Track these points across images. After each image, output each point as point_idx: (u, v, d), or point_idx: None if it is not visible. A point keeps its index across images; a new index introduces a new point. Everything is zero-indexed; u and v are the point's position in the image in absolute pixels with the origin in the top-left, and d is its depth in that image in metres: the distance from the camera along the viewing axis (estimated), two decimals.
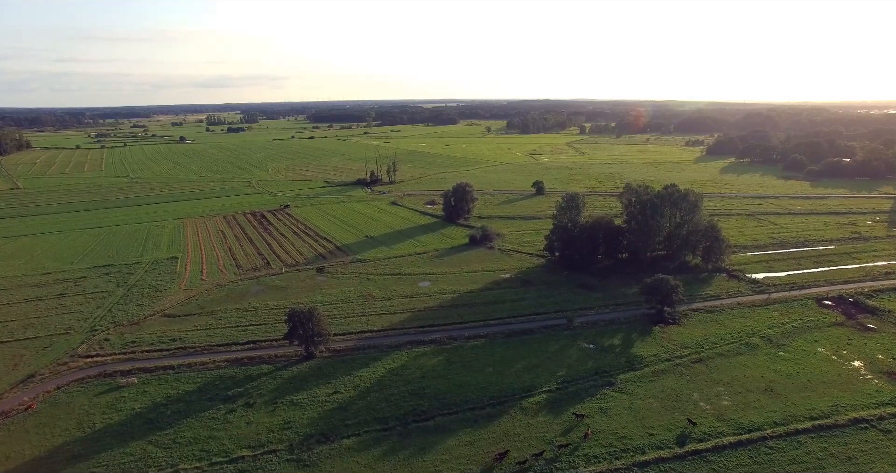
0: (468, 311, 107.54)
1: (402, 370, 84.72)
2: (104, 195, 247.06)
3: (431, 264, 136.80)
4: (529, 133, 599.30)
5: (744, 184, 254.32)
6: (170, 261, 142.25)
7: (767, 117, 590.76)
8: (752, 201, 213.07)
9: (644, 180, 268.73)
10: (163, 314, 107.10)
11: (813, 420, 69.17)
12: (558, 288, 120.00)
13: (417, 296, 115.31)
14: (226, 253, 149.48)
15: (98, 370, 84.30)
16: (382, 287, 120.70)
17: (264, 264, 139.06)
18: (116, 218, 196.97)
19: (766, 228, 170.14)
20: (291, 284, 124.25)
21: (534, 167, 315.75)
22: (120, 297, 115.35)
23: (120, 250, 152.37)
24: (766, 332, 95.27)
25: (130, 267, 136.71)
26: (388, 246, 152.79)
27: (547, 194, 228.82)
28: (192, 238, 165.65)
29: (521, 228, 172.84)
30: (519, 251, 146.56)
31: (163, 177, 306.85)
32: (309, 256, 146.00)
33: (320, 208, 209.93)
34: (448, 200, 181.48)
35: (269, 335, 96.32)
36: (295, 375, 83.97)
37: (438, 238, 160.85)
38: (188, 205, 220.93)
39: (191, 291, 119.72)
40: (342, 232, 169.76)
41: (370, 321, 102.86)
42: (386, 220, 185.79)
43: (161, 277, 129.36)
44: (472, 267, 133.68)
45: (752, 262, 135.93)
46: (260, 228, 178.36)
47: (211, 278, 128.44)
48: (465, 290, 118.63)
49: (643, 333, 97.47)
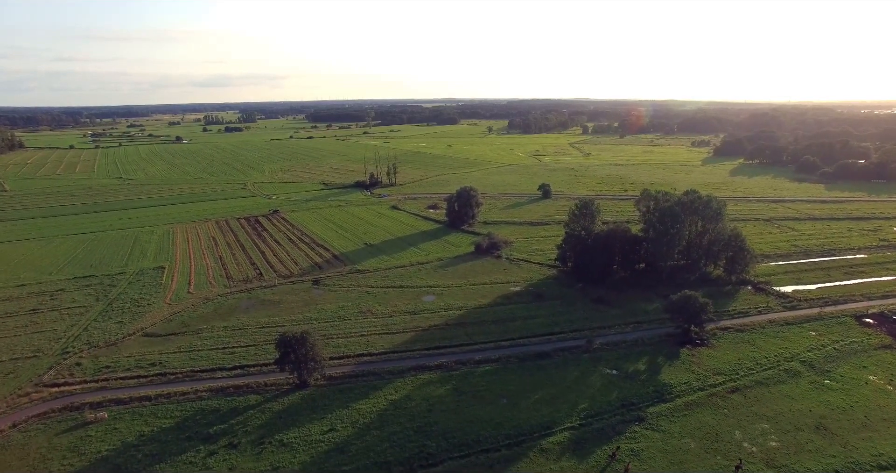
0: (477, 330, 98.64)
1: (405, 402, 75.84)
2: (93, 198, 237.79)
3: (436, 275, 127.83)
4: (531, 133, 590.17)
5: (756, 187, 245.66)
6: (156, 271, 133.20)
7: (772, 117, 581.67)
8: (767, 206, 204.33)
9: (652, 182, 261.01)
10: (143, 332, 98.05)
11: (883, 470, 60.26)
12: (573, 303, 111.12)
13: (421, 312, 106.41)
14: (216, 262, 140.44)
15: (64, 401, 75.27)
16: (383, 302, 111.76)
17: (256, 275, 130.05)
18: (103, 223, 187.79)
19: (786, 234, 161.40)
20: (285, 298, 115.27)
21: (538, 169, 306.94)
22: (98, 313, 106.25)
23: (104, 259, 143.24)
24: (807, 356, 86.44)
25: (113, 278, 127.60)
26: (389, 255, 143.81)
27: (554, 197, 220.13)
28: (181, 246, 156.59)
29: (529, 234, 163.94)
30: (528, 261, 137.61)
31: (156, 179, 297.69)
32: (304, 265, 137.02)
33: (317, 212, 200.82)
34: (452, 205, 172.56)
35: (259, 359, 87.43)
36: (286, 408, 75.03)
37: (442, 246, 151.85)
38: (180, 209, 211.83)
39: (176, 306, 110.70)
40: (340, 239, 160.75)
41: (370, 342, 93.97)
42: (386, 226, 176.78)
43: (145, 289, 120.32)
44: (480, 279, 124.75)
45: (778, 273, 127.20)
46: (254, 234, 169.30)
47: (199, 292, 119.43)
48: (473, 305, 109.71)
49: (670, 356, 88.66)
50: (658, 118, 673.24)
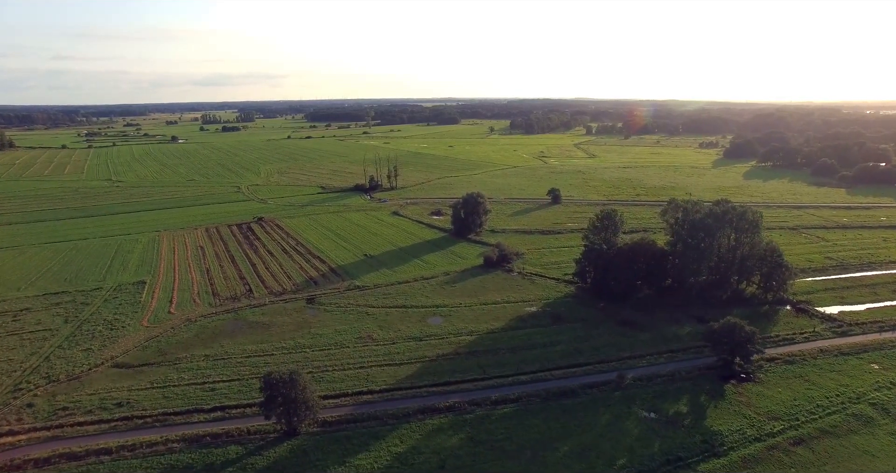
0: (491, 360, 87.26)
1: (412, 456, 64.48)
2: (79, 202, 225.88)
3: (442, 292, 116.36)
4: (534, 133, 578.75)
5: (774, 191, 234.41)
6: (136, 286, 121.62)
7: (778, 118, 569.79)
8: (789, 212, 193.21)
9: (664, 186, 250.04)
10: (114, 362, 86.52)
11: None
12: (596, 327, 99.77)
13: (427, 338, 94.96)
14: (202, 276, 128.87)
15: (3, 459, 63.54)
16: (385, 325, 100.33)
17: (246, 292, 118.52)
18: (86, 230, 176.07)
19: (816, 245, 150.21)
20: (276, 319, 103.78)
21: (544, 171, 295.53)
22: (65, 338, 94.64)
23: (80, 272, 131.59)
24: (876, 397, 75.16)
25: (88, 295, 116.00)
26: (390, 268, 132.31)
27: (564, 202, 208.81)
28: (166, 256, 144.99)
29: (541, 244, 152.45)
30: (543, 276, 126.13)
31: (147, 180, 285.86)
32: (298, 280, 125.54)
33: (314, 218, 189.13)
34: (457, 212, 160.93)
35: (243, 398, 76.01)
36: (272, 463, 63.58)
37: (448, 258, 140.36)
38: (168, 214, 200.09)
39: (154, 329, 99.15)
40: (338, 249, 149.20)
41: (370, 376, 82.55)
42: (387, 234, 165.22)
43: (121, 308, 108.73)
44: (491, 297, 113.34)
45: (817, 290, 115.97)
46: (245, 243, 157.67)
47: (181, 312, 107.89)
48: (485, 330, 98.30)
49: (714, 394, 77.37)
50: (661, 118, 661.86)
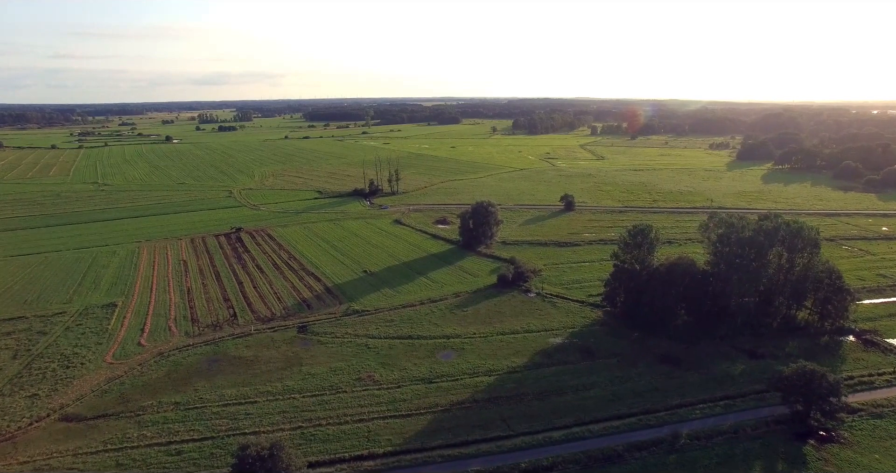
0: (516, 410, 73.10)
1: None
2: (58, 208, 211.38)
3: (452, 319, 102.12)
4: (538, 134, 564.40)
5: (798, 196, 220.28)
6: (105, 310, 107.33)
7: (788, 118, 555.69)
8: (821, 220, 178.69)
9: (681, 190, 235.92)
10: (62, 413, 72.27)
11: None
12: (634, 364, 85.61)
13: (438, 379, 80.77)
14: (182, 298, 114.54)
15: None
16: (388, 362, 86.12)
17: (229, 317, 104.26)
18: (60, 240, 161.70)
19: (861, 259, 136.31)
20: (262, 353, 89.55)
21: (552, 175, 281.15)
22: (8, 380, 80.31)
23: (44, 292, 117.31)
24: None
25: (48, 321, 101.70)
26: (393, 288, 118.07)
27: (577, 209, 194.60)
28: (144, 272, 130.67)
29: (558, 259, 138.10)
30: (565, 298, 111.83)
31: (135, 184, 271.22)
32: (289, 302, 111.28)
33: (309, 228, 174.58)
34: (466, 222, 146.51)
35: (214, 465, 61.78)
36: None
37: (457, 275, 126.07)
38: (153, 222, 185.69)
39: (118, 367, 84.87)
40: (334, 265, 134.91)
41: (372, 433, 68.33)
42: (389, 246, 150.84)
43: (84, 339, 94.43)
44: (508, 325, 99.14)
45: (880, 316, 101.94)
46: (233, 256, 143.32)
47: (153, 342, 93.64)
48: (505, 368, 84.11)
49: (793, 460, 63.26)
50: (666, 118, 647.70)
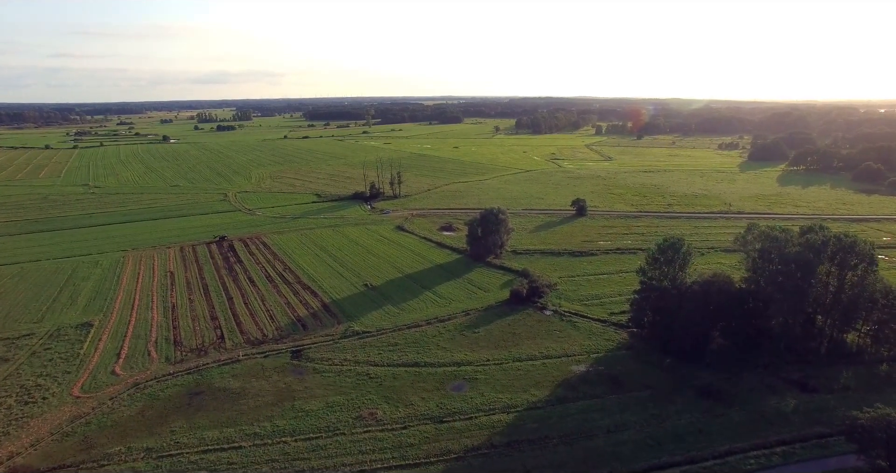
0: (539, 459, 63.08)
1: None
2: (43, 213, 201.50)
3: (463, 342, 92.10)
4: (542, 133, 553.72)
5: (819, 200, 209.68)
6: (79, 331, 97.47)
7: (797, 117, 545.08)
8: (848, 226, 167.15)
9: (696, 193, 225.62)
10: (9, 466, 62.30)
11: None
12: (670, 399, 75.58)
13: (450, 418, 70.78)
14: (165, 316, 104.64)
15: None
16: (392, 395, 76.16)
17: (216, 340, 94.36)
18: (40, 249, 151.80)
19: None
20: (250, 385, 79.62)
21: (560, 176, 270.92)
22: None
23: (14, 310, 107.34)
24: None
25: (12, 345, 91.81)
26: (396, 305, 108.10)
27: (589, 214, 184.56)
28: (127, 286, 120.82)
29: (574, 270, 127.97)
30: (584, 316, 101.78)
31: (127, 186, 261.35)
32: (283, 322, 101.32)
33: (307, 235, 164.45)
34: (474, 230, 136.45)
35: None
36: None
37: (465, 290, 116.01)
38: (141, 228, 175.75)
39: (86, 401, 75.00)
40: (332, 277, 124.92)
41: None
42: (391, 256, 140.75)
43: (51, 367, 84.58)
44: (525, 349, 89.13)
45: None
46: (224, 267, 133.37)
47: (129, 370, 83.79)
48: (525, 403, 74.11)
49: None
50: (671, 117, 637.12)
